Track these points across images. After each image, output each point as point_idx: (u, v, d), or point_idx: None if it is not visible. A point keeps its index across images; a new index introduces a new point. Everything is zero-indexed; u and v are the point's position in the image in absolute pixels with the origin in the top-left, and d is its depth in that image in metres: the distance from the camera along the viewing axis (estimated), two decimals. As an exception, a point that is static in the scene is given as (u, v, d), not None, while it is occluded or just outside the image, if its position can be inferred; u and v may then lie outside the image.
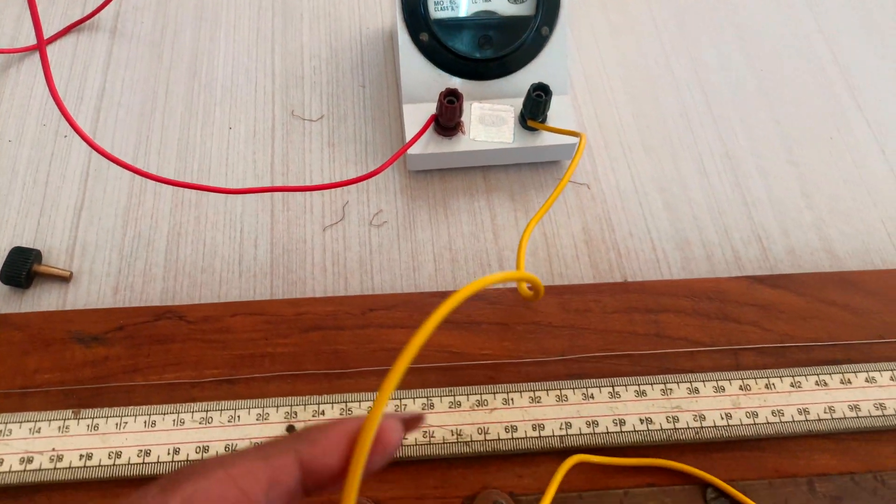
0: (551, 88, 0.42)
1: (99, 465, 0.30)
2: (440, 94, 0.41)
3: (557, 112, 0.43)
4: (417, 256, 0.43)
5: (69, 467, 0.30)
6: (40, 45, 0.35)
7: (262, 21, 0.52)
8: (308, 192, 0.44)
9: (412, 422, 0.21)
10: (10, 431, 0.31)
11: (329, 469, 0.18)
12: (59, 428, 0.31)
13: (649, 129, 0.49)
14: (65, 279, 0.41)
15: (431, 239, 0.44)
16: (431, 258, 0.43)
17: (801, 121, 0.50)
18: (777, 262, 0.43)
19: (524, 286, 0.34)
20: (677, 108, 0.50)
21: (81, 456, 0.30)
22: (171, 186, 0.44)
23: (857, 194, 0.47)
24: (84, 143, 0.44)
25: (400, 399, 0.32)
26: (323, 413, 0.32)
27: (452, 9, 0.44)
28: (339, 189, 0.45)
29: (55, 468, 0.30)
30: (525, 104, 0.43)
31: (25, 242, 0.42)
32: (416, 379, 0.33)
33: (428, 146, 0.44)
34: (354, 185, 0.45)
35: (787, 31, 0.54)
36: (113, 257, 0.42)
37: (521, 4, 0.44)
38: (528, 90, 0.42)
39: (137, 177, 0.44)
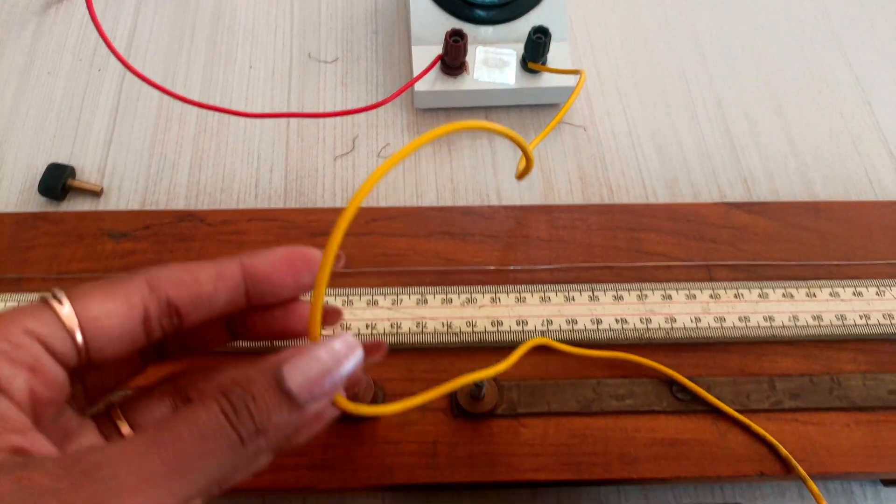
0: (552, 33, 0.45)
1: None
2: (446, 34, 0.44)
3: (557, 58, 0.46)
4: (420, 186, 0.46)
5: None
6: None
7: (284, -29, 0.55)
8: (321, 125, 0.48)
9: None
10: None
11: (266, 275, 0.22)
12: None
13: (645, 78, 0.51)
14: (96, 194, 0.44)
15: (434, 171, 0.47)
16: (434, 188, 0.46)
17: (791, 76, 0.52)
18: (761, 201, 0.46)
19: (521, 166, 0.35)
20: (673, 60, 0.52)
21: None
22: (195, 115, 0.47)
23: (841, 144, 0.49)
24: (116, 76, 0.47)
25: (397, 295, 0.36)
26: (327, 303, 0.35)
27: (460, -44, 0.47)
28: (349, 123, 0.48)
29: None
30: (526, 47, 0.46)
31: (61, 161, 0.45)
32: (413, 279, 0.37)
33: (434, 84, 0.47)
34: (364, 120, 0.48)
35: (782, -7, 0.56)
36: (140, 177, 0.46)
37: (525, -46, 0.47)
38: (529, 32, 0.45)
39: (164, 106, 0.48)
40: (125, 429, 0.22)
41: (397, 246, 0.38)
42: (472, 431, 0.33)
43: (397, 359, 0.35)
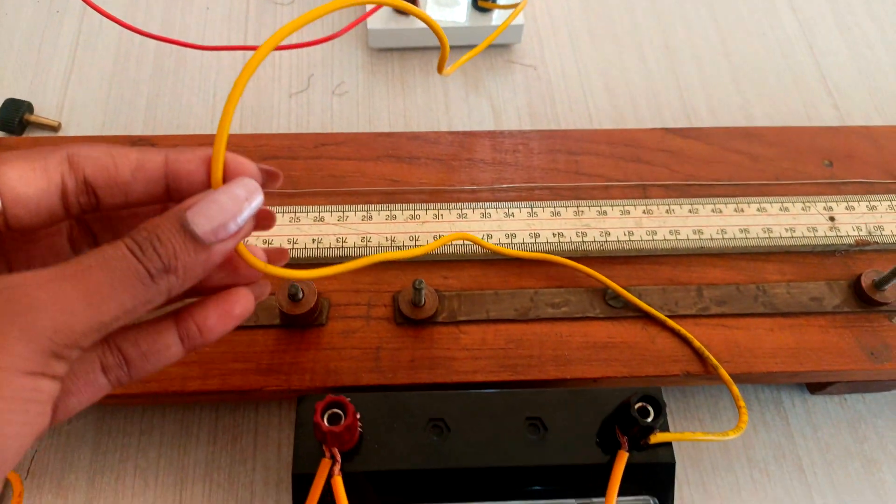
0: (500, -28, 0.46)
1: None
2: (397, -28, 0.45)
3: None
4: (374, 121, 0.48)
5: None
6: None
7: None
8: (277, 64, 0.49)
9: (268, 174, 0.24)
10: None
11: (188, 173, 0.22)
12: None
13: (595, 19, 0.53)
14: (53, 129, 0.45)
15: (388, 108, 0.48)
16: (387, 124, 0.48)
17: (737, 18, 0.54)
18: (699, 130, 0.47)
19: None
20: (623, 2, 0.54)
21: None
22: (153, 51, 0.48)
23: (783, 83, 0.51)
24: (76, 14, 0.48)
25: (343, 212, 0.37)
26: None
27: None
28: (304, 62, 0.49)
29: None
30: (476, -15, 0.47)
31: (19, 97, 0.46)
32: (359, 199, 0.38)
33: (388, 23, 0.48)
34: (320, 59, 0.49)
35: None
36: (98, 113, 0.46)
37: None
38: (478, -30, 0.46)
39: (123, 43, 0.49)
40: None
41: (344, 168, 0.39)
42: (414, 338, 0.35)
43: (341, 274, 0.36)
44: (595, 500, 0.27)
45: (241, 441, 0.38)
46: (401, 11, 0.47)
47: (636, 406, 0.26)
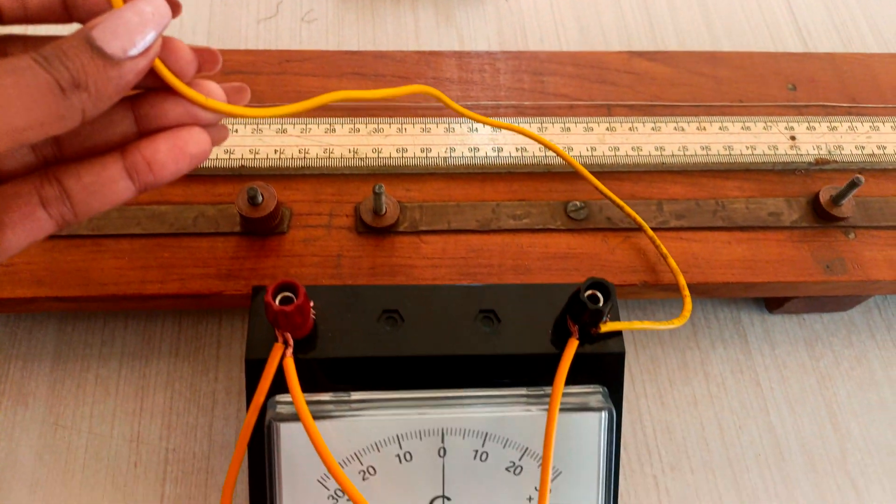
0: None
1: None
2: None
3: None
4: (342, 47, 0.47)
5: None
6: None
7: None
8: (244, -13, 0.48)
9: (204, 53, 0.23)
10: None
11: None
12: None
13: (565, -48, 0.53)
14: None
15: (357, 37, 0.48)
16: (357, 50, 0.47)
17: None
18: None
19: None
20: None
21: None
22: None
23: (751, 15, 0.51)
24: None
25: (306, 124, 0.37)
26: (236, 130, 0.36)
27: None
28: (274, -12, 0.49)
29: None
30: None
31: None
32: (323, 111, 0.38)
33: (356, -50, 0.47)
34: (288, -15, 0.49)
35: None
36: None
37: None
38: None
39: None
40: None
41: (309, 84, 0.39)
42: (375, 246, 0.35)
43: (305, 183, 0.36)
44: (546, 388, 0.28)
45: (203, 352, 0.38)
46: (370, -64, 0.47)
47: (586, 293, 0.26)
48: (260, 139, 0.36)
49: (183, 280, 0.33)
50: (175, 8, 0.22)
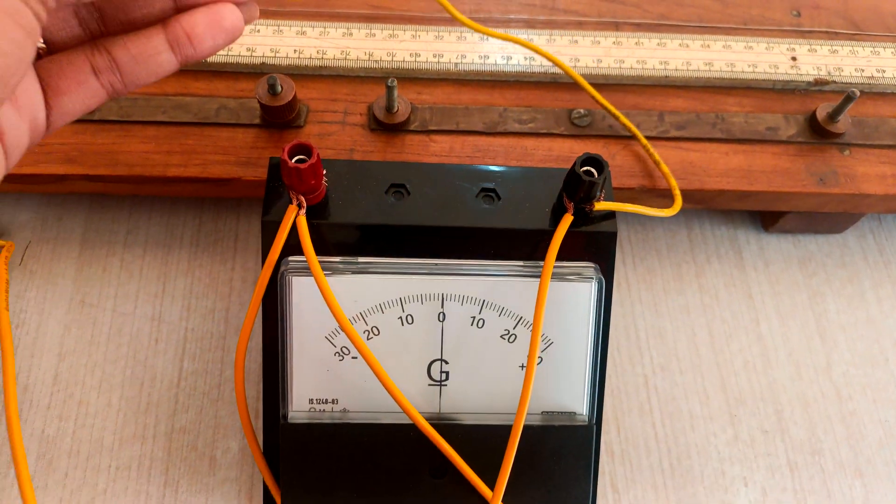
0: None
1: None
2: None
3: None
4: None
5: None
6: None
7: None
8: None
9: None
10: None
11: None
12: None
13: None
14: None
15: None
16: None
17: None
18: None
19: None
20: None
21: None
22: None
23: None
24: None
25: (324, 27, 0.39)
26: (258, 30, 0.38)
27: None
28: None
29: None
30: None
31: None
32: (341, 20, 0.39)
33: None
34: None
35: None
36: None
37: None
38: None
39: None
40: None
41: (329, -10, 0.41)
42: (386, 143, 0.37)
43: (321, 82, 0.38)
44: (541, 262, 0.29)
45: (222, 244, 0.40)
46: None
47: (581, 168, 0.28)
48: (280, 39, 0.38)
49: (204, 165, 0.35)
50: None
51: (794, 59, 0.40)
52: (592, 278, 0.29)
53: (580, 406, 0.30)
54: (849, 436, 0.38)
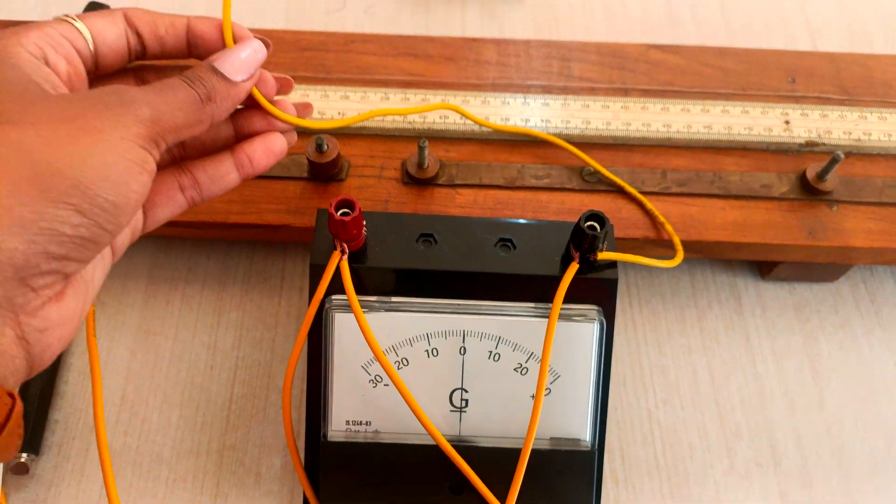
0: None
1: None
2: None
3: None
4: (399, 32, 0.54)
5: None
6: None
7: None
8: (317, -18, 0.56)
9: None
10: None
11: (202, 33, 0.29)
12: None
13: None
14: (126, 28, 0.53)
15: (412, 29, 0.55)
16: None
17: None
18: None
19: None
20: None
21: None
22: (211, -32, 0.56)
23: (768, 21, 0.56)
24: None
25: (365, 93, 0.44)
26: (307, 94, 0.43)
27: None
28: (342, -16, 0.56)
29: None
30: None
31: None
32: (380, 86, 0.45)
33: (415, -47, 0.55)
34: (355, -17, 0.57)
35: None
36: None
37: None
38: None
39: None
40: None
41: (369, 62, 0.46)
42: (417, 195, 0.42)
43: (361, 141, 0.43)
44: (549, 304, 0.34)
45: (269, 282, 0.45)
46: (428, -58, 0.54)
47: (585, 223, 0.33)
48: (326, 103, 0.43)
49: (260, 213, 0.41)
50: (268, 45, 0.30)
51: (787, 122, 0.44)
52: (595, 320, 0.34)
53: (584, 433, 0.34)
54: (840, 467, 0.41)
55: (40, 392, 0.40)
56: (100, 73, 0.29)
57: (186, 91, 0.27)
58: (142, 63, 0.31)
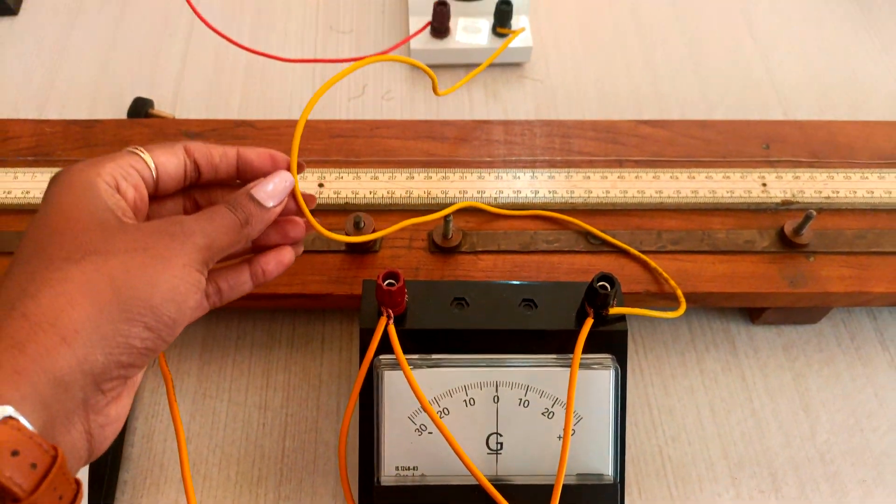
0: (514, 7, 0.60)
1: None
2: (434, 5, 0.60)
3: (522, 26, 0.61)
4: (414, 117, 0.61)
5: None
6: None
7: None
8: (339, 67, 0.62)
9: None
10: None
11: (250, 161, 0.35)
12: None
13: (591, 41, 0.66)
14: (169, 119, 0.59)
15: (425, 109, 0.62)
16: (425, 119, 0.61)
17: (707, 38, 0.67)
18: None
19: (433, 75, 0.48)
20: (613, 28, 0.67)
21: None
22: (244, 59, 0.62)
23: (743, 95, 0.63)
24: (184, 32, 0.62)
25: (392, 173, 0.50)
26: (342, 177, 0.49)
27: (445, -52, 0.62)
28: (360, 74, 0.63)
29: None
30: (495, 16, 0.61)
31: (143, 95, 0.60)
32: (404, 165, 0.51)
33: (427, 44, 0.62)
34: (371, 72, 0.63)
35: (702, -17, 0.71)
36: (201, 108, 0.60)
37: (494, -52, 0.63)
38: (497, 4, 0.60)
39: (219, 55, 0.63)
40: None
41: (393, 145, 0.52)
42: (443, 262, 0.47)
43: (392, 216, 0.49)
44: (570, 355, 0.39)
45: (311, 345, 0.50)
46: (437, 36, 0.61)
47: (598, 283, 0.38)
48: (358, 184, 0.49)
49: (304, 284, 0.46)
50: (301, 168, 0.36)
51: (764, 184, 0.50)
52: (611, 367, 0.39)
53: (606, 468, 0.39)
54: (832, 493, 0.45)
55: (111, 456, 0.44)
56: (158, 195, 0.34)
57: (231, 217, 0.32)
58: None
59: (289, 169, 0.35)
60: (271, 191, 0.34)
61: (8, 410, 0.23)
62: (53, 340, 0.25)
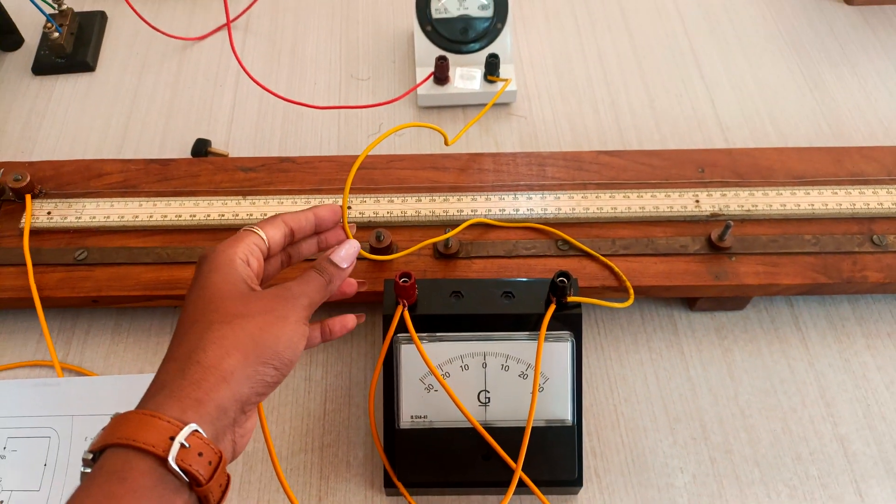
0: (501, 59, 0.74)
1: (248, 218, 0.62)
2: (436, 59, 0.74)
3: (507, 74, 0.75)
4: (421, 151, 0.75)
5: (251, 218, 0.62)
6: (227, 25, 0.68)
7: (334, 22, 0.86)
8: (359, 116, 0.77)
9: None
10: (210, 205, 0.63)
11: (324, 220, 0.49)
12: (236, 203, 0.63)
13: (566, 86, 0.80)
14: (224, 156, 0.73)
15: (430, 144, 0.76)
16: (430, 153, 0.75)
17: (662, 85, 0.81)
18: (628, 154, 0.74)
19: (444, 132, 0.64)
20: (584, 74, 0.81)
21: (249, 214, 0.62)
22: (282, 106, 0.77)
23: (690, 127, 0.77)
24: (231, 85, 0.77)
25: (404, 197, 0.64)
26: (365, 201, 0.63)
27: (445, 11, 0.76)
28: (376, 116, 0.77)
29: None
30: (486, 66, 0.75)
31: (203, 136, 0.75)
32: (414, 191, 0.65)
33: (430, 90, 0.76)
34: (386, 114, 0.78)
35: (661, 31, 0.85)
36: (249, 147, 0.75)
37: (485, 9, 0.77)
38: (486, 57, 0.74)
39: (262, 104, 0.78)
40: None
41: (405, 174, 0.66)
42: (445, 266, 0.61)
43: (404, 230, 0.63)
44: (538, 332, 0.52)
45: (338, 340, 0.64)
46: (439, 84, 0.76)
47: (557, 279, 0.52)
48: (378, 205, 0.63)
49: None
50: (353, 227, 0.50)
51: (697, 201, 0.64)
52: (569, 340, 0.52)
53: (567, 415, 0.53)
54: (749, 440, 0.59)
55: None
56: (267, 258, 0.47)
57: (319, 280, 0.45)
58: None
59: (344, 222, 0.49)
60: (344, 255, 0.46)
61: (193, 426, 0.35)
62: (217, 380, 0.37)
